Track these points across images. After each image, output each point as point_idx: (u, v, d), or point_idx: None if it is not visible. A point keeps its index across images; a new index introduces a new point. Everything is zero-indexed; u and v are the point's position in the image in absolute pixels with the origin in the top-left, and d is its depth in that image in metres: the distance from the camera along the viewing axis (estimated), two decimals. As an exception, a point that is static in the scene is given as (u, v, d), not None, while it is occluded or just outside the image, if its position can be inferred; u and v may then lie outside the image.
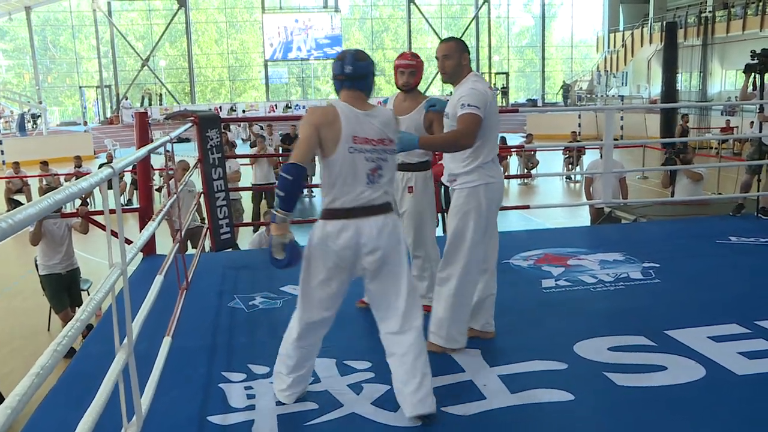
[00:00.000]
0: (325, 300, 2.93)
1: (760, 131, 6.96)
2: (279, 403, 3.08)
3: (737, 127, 19.98)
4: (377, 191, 2.85)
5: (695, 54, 30.70)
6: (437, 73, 4.90)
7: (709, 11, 30.70)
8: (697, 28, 30.76)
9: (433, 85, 42.11)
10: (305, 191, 14.72)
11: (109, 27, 37.75)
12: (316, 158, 2.92)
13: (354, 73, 2.89)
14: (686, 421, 2.89)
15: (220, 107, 37.11)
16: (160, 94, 38.60)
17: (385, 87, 43.37)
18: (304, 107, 38.03)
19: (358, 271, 2.90)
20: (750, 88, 6.90)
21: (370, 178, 2.82)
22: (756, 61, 6.70)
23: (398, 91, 4.18)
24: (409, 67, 4.09)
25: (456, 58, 3.56)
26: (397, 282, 2.89)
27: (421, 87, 4.16)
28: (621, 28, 39.20)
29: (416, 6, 41.99)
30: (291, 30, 40.20)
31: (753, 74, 6.79)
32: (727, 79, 30.13)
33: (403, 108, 4.09)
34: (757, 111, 6.90)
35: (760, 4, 27.52)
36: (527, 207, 9.94)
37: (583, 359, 3.46)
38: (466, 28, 42.84)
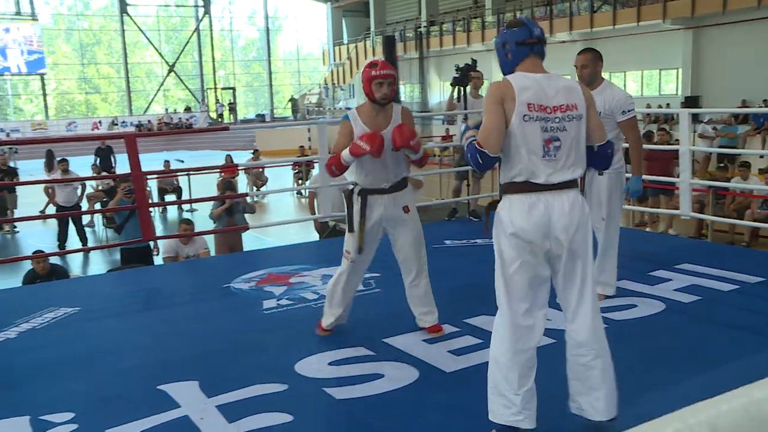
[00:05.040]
0: (528, 291, 2.60)
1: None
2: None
3: (455, 135, 21.67)
4: (557, 166, 2.57)
5: (414, 66, 32.96)
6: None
7: (424, 26, 33.17)
8: (414, 42, 33.07)
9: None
10: (7, 226, 13.31)
11: None
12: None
13: (542, 34, 2.68)
14: (399, 423, 2.98)
15: None
16: None
17: (101, 105, 40.38)
18: (2, 130, 33.78)
19: (547, 254, 2.60)
20: (456, 98, 7.41)
21: (545, 151, 2.55)
22: (458, 75, 7.20)
23: (362, 103, 3.78)
24: (388, 77, 3.60)
25: (592, 66, 4.18)
26: (585, 267, 2.63)
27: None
28: (345, 41, 40.84)
29: (130, 17, 39.63)
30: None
31: (457, 86, 7.29)
32: (445, 90, 32.67)
33: (378, 123, 3.67)
34: (462, 120, 7.41)
35: (465, 22, 30.43)
36: (246, 228, 8.40)
37: (303, 378, 3.43)
38: (188, 41, 41.50)
